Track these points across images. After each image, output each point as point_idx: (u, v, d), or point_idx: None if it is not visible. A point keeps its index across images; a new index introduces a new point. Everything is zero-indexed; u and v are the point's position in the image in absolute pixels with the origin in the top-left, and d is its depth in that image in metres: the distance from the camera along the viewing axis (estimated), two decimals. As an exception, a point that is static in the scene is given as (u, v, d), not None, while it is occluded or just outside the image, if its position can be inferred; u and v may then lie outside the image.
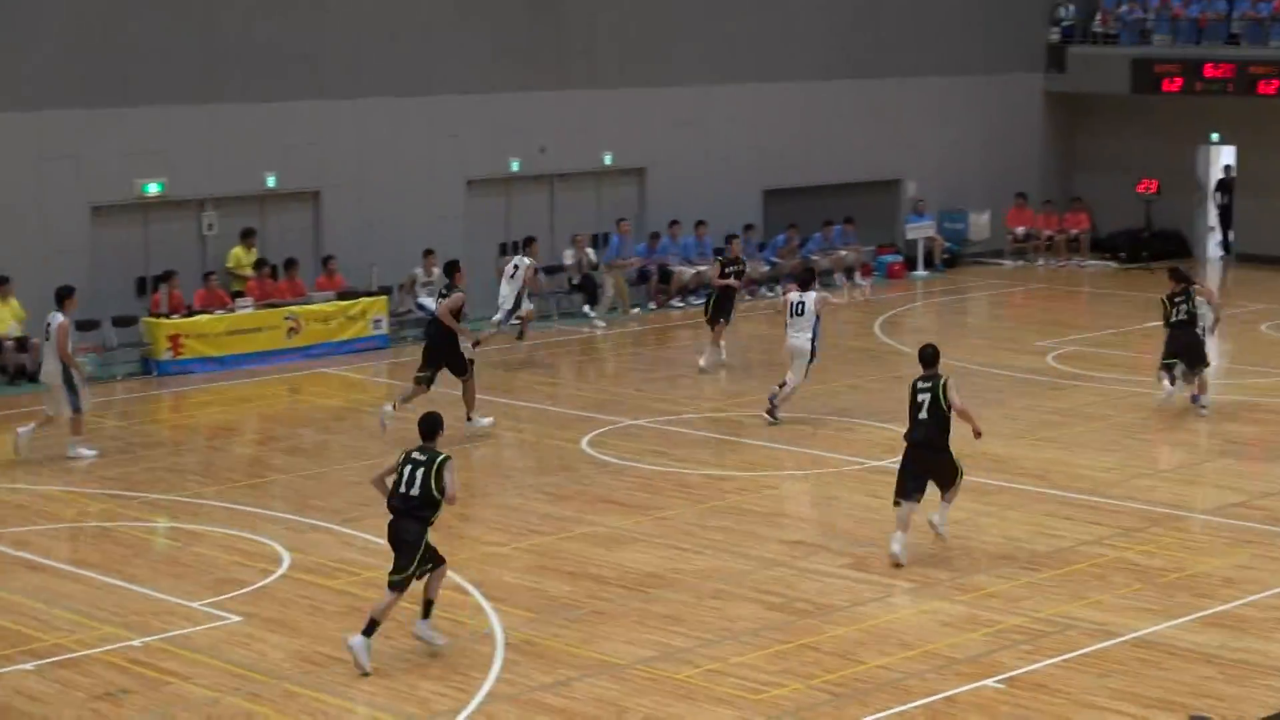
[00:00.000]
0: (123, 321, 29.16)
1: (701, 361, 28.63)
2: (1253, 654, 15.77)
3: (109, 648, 16.12)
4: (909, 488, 18.44)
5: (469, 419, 24.25)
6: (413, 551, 15.63)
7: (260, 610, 17.12)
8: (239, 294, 30.01)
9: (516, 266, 29.35)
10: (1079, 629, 16.39)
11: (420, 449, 15.86)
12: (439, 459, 15.69)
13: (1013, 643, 16.04)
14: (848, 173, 38.71)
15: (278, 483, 22.36)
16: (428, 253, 31.65)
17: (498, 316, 29.41)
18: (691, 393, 27.46)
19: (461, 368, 24.33)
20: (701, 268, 35.00)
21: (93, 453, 23.32)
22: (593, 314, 33.57)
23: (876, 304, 35.30)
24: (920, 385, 18.56)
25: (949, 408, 18.33)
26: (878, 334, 32.01)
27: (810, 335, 24.80)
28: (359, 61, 31.83)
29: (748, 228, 35.85)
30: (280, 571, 18.36)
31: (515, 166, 33.78)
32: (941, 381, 18.46)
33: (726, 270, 29.13)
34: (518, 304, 29.23)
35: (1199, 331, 25.22)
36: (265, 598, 17.53)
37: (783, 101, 37.36)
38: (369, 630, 15.51)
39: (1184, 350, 25.08)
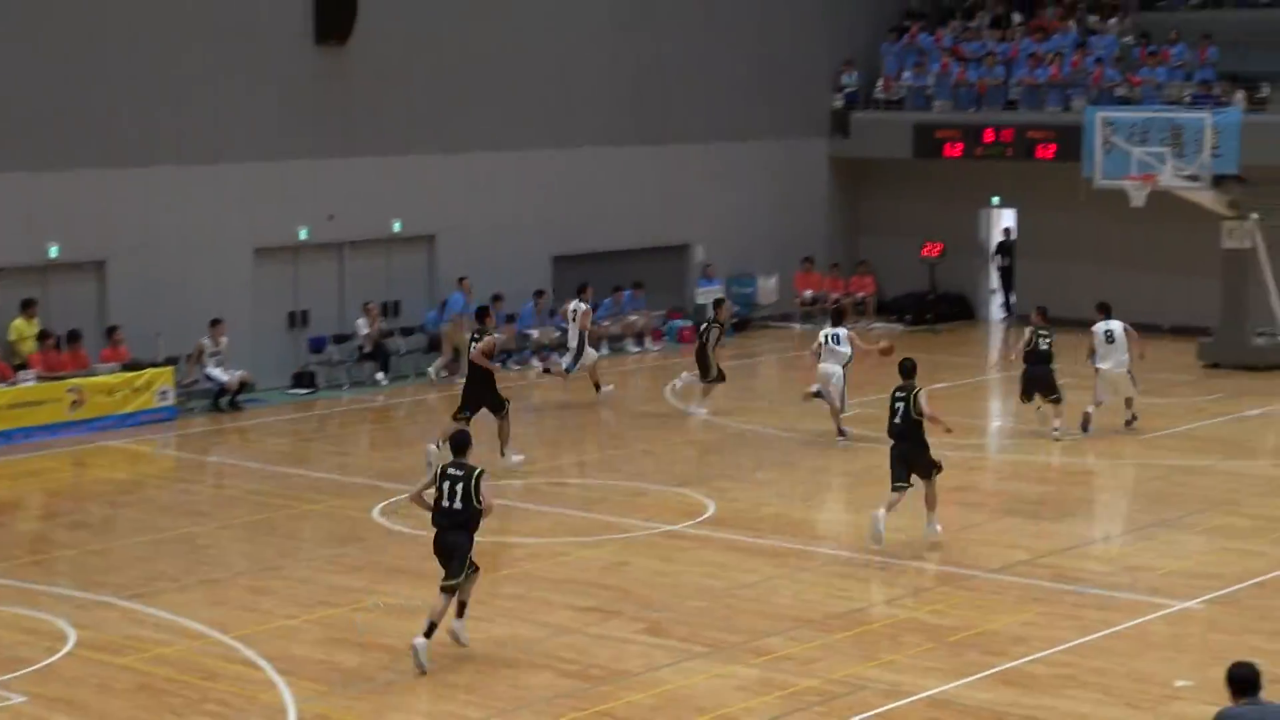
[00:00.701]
0: (-100, 396, 28.51)
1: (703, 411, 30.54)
2: (1042, 710, 15.96)
3: (-113, 732, 15.71)
4: (898, 474, 21.53)
5: (502, 454, 25.54)
6: (462, 560, 17.29)
7: (46, 690, 16.73)
8: (21, 366, 29.43)
9: (575, 311, 31.59)
10: (872, 689, 16.51)
11: (455, 464, 17.48)
12: (475, 473, 17.33)
13: (807, 704, 16.11)
14: (637, 238, 38.91)
15: (63, 559, 21.92)
16: (215, 322, 31.28)
17: (566, 361, 31.71)
18: (484, 460, 27.29)
19: (498, 406, 25.67)
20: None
21: None
22: (382, 379, 33.45)
23: (668, 368, 35.44)
24: (897, 394, 21.78)
25: (919, 414, 21.50)
26: (669, 398, 32.13)
27: (842, 363, 27.79)
28: (144, 129, 31.42)
29: (538, 294, 35.88)
30: (66, 649, 17.96)
31: (304, 234, 33.52)
32: (914, 392, 21.65)
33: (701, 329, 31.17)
34: (581, 347, 31.43)
35: (1053, 368, 28.30)
36: (51, 677, 17.14)
37: (571, 168, 37.50)
38: (429, 632, 17.08)
39: (1038, 384, 28.26)
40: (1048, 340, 28.21)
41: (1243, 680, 11.53)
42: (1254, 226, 34.17)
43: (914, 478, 21.59)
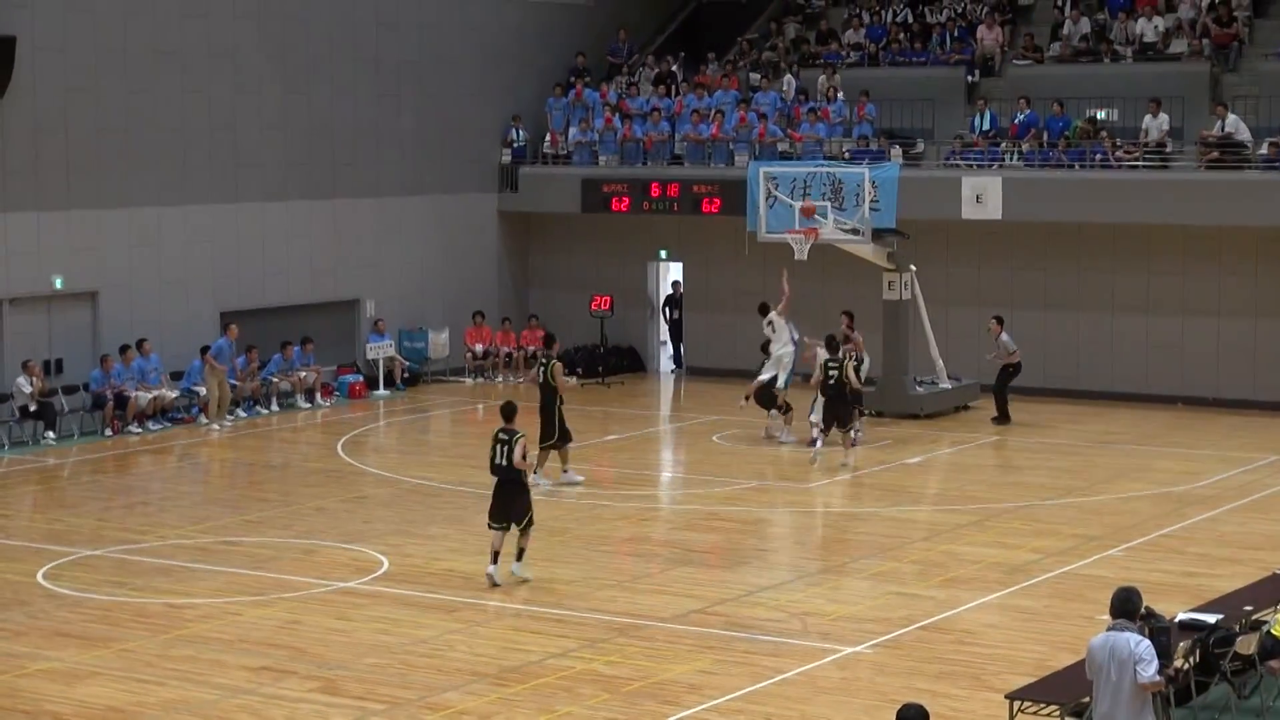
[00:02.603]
0: None
1: (782, 437, 32.57)
2: (717, 757, 16.14)
3: None
4: (826, 421, 29.83)
5: (564, 471, 28.60)
6: (516, 506, 21.91)
7: None
8: None
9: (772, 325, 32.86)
10: (549, 742, 16.54)
11: (504, 429, 22.03)
12: (515, 437, 21.87)
13: (484, 759, 16.08)
14: (306, 293, 38.58)
15: None
16: None
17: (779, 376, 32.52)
18: (152, 520, 26.88)
19: (550, 434, 28.18)
20: (158, 392, 34.35)
21: None
22: (52, 438, 32.69)
23: (339, 424, 35.22)
24: (830, 364, 29.98)
25: (845, 380, 29.86)
26: (341, 454, 31.91)
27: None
28: None
29: (205, 350, 35.30)
30: None
31: (-39, 292, 32.68)
32: (844, 362, 29.98)
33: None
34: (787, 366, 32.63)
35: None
36: None
37: (239, 223, 37.06)
38: (495, 559, 22.04)
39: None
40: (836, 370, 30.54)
41: (912, 721, 11.83)
42: (912, 278, 35.08)
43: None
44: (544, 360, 29.01)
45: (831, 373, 29.98)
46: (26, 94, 33.25)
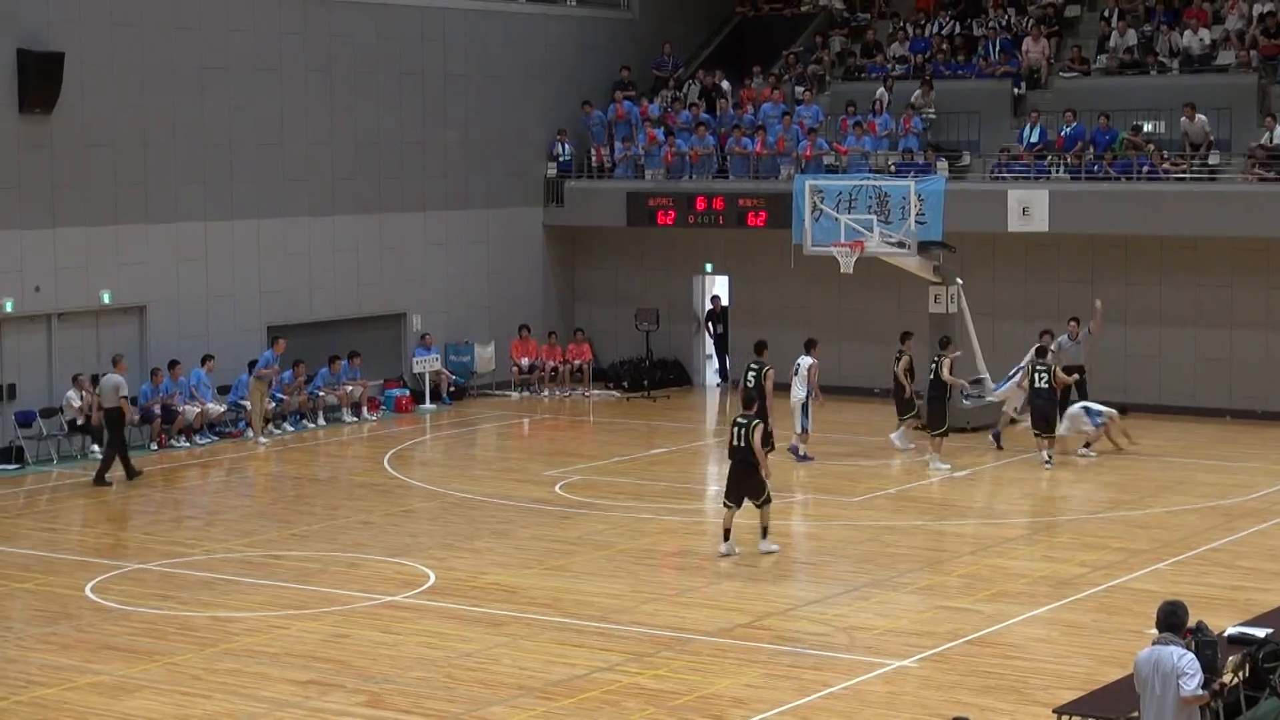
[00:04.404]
0: None
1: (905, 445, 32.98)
2: (762, 771, 16.10)
3: None
4: (935, 423, 31.43)
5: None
6: (748, 486, 24.25)
7: None
8: None
9: (798, 365, 32.18)
10: (594, 756, 16.51)
11: (742, 415, 24.40)
12: (752, 423, 24.06)
13: (530, 773, 16.07)
14: (352, 308, 38.67)
15: None
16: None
17: (803, 423, 32.14)
18: (199, 534, 26.96)
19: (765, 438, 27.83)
20: (208, 405, 34.46)
21: None
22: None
23: (386, 438, 35.27)
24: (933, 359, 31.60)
25: (944, 377, 31.42)
26: (387, 468, 31.96)
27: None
28: None
29: (253, 365, 35.40)
30: None
31: (9, 306, 32.77)
32: (941, 359, 31.47)
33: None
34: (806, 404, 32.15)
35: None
36: None
37: (286, 237, 37.17)
38: (727, 536, 24.56)
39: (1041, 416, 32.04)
40: (1045, 375, 31.79)
41: (958, 735, 11.80)
42: (958, 291, 34.97)
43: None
44: (755, 366, 30.11)
45: (933, 365, 31.55)
46: (74, 109, 33.41)
